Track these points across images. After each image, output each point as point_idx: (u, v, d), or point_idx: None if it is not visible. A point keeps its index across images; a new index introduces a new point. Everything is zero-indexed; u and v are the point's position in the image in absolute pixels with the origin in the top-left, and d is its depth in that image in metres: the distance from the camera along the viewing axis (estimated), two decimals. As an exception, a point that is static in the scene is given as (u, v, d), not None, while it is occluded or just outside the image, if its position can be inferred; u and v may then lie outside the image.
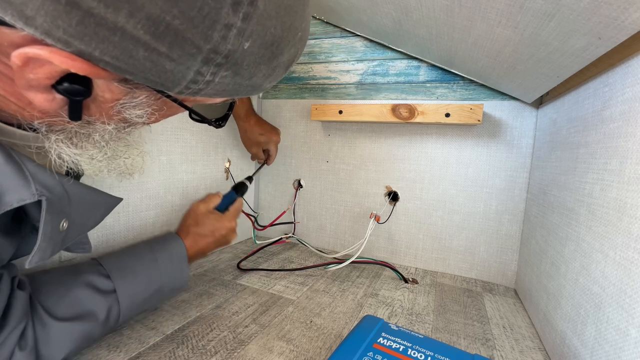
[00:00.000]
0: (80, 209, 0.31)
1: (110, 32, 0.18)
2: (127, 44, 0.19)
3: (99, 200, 0.34)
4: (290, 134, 0.91)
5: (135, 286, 0.44)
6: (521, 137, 0.69)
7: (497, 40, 0.49)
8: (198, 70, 0.21)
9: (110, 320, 0.41)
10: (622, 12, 0.32)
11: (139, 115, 0.26)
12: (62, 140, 0.27)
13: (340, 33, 0.84)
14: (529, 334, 0.53)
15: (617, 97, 0.38)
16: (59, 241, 0.30)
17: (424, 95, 0.78)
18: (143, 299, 0.45)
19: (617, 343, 0.33)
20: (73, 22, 0.17)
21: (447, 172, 0.76)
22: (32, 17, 0.17)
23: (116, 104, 0.25)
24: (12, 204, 0.25)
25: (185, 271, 0.50)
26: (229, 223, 0.58)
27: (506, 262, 0.72)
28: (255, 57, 0.23)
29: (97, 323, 0.40)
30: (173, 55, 0.20)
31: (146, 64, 0.20)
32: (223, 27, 0.20)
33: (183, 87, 0.23)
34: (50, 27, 0.18)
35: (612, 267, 0.35)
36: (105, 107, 0.25)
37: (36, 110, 0.25)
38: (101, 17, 0.18)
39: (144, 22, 0.18)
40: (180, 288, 0.51)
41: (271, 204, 0.96)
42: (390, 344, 0.40)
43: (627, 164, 0.35)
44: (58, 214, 0.28)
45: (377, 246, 0.84)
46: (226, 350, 0.44)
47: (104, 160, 0.30)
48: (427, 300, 0.63)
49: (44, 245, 0.27)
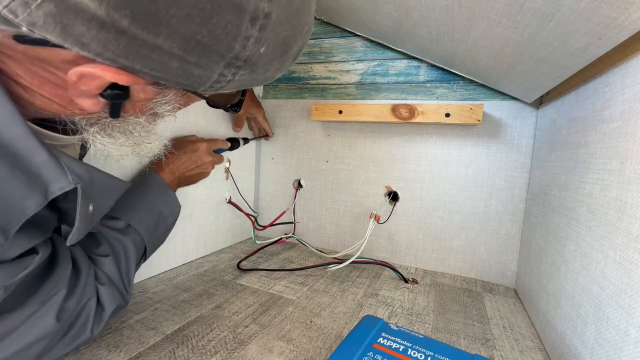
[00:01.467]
0: (100, 193, 0.35)
1: (150, 51, 0.21)
2: (164, 58, 0.22)
3: (113, 185, 0.38)
4: (290, 134, 0.91)
5: (142, 216, 0.50)
6: (521, 137, 0.69)
7: (497, 40, 0.49)
8: (221, 72, 0.25)
9: (139, 247, 0.48)
10: (622, 12, 0.32)
11: (168, 110, 0.31)
12: (98, 131, 0.31)
13: (340, 33, 0.84)
14: (529, 334, 0.53)
15: (617, 97, 0.38)
16: (89, 222, 0.34)
17: (424, 95, 0.78)
18: (153, 226, 0.52)
19: (617, 343, 0.33)
20: (121, 45, 0.21)
21: (447, 172, 0.76)
22: (88, 44, 0.20)
23: (149, 102, 0.29)
24: (56, 192, 0.29)
25: (171, 195, 0.57)
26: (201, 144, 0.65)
27: (506, 262, 0.72)
28: (269, 56, 0.26)
29: (134, 251, 0.47)
30: (201, 64, 0.24)
31: (178, 72, 0.24)
32: (243, 39, 0.23)
33: (207, 86, 0.26)
34: (102, 50, 0.21)
35: (612, 267, 0.35)
36: (139, 105, 0.30)
37: (77, 109, 0.28)
38: (144, 40, 0.21)
39: (179, 42, 0.22)
40: (176, 211, 0.57)
41: (271, 204, 0.96)
42: (390, 344, 0.40)
43: (627, 164, 0.35)
44: (87, 198, 0.32)
45: (377, 246, 0.84)
46: (226, 350, 0.44)
47: (130, 147, 0.34)
48: (427, 300, 0.63)
49: (80, 226, 0.31)
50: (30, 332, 0.33)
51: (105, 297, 0.40)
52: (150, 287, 0.60)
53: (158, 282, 0.62)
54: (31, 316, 0.32)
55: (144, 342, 0.45)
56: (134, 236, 0.48)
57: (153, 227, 0.52)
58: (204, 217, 0.76)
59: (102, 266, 0.42)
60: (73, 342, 0.37)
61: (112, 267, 0.43)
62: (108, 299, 0.41)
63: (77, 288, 0.37)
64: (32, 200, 0.27)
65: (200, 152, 0.64)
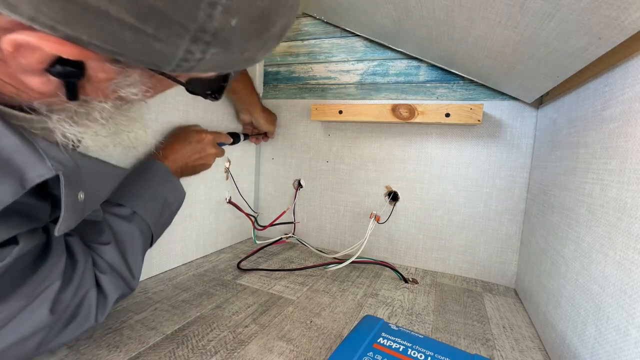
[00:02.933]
0: (92, 180, 0.34)
1: (94, 17, 0.18)
2: (113, 27, 0.19)
3: (108, 172, 0.37)
4: (290, 134, 0.91)
5: (147, 203, 0.49)
6: (521, 137, 0.69)
7: (497, 40, 0.49)
8: (187, 49, 0.22)
9: (145, 234, 0.48)
10: (622, 12, 0.32)
11: (134, 93, 0.27)
12: (64, 119, 0.28)
13: (340, 33, 0.84)
14: (529, 334, 0.53)
15: (617, 97, 0.38)
16: (80, 211, 0.32)
17: (424, 95, 0.78)
18: (159, 213, 0.51)
19: (617, 343, 0.33)
20: (56, 8, 0.18)
21: (447, 172, 0.76)
22: (15, 5, 0.18)
23: (111, 83, 0.26)
24: (34, 180, 0.27)
25: (175, 181, 0.56)
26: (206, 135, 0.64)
27: (506, 262, 0.72)
28: (244, 32, 0.23)
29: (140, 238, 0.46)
30: (160, 36, 0.20)
31: (135, 45, 0.20)
32: (207, 6, 0.20)
33: (174, 65, 0.23)
34: (35, 14, 0.18)
35: (612, 267, 0.35)
36: (101, 87, 0.26)
37: (34, 92, 0.25)
38: (84, 3, 0.18)
39: (127, 6, 0.18)
40: (181, 197, 0.57)
41: (271, 204, 0.96)
42: (390, 344, 0.40)
43: (627, 164, 0.35)
44: (74, 186, 0.30)
45: (377, 246, 0.84)
46: (226, 350, 0.44)
47: (108, 136, 0.31)
48: (427, 300, 0.63)
49: (67, 216, 0.30)
50: (23, 325, 0.32)
51: (107, 285, 0.40)
52: (150, 287, 0.60)
53: (158, 282, 0.62)
54: (23, 310, 0.31)
55: (144, 342, 0.45)
56: (140, 223, 0.47)
57: (159, 213, 0.51)
58: (204, 217, 0.76)
59: (103, 254, 0.41)
60: (77, 330, 0.37)
61: (114, 254, 0.42)
62: (110, 287, 0.40)
63: (73, 279, 0.36)
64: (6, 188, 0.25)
65: (204, 143, 0.64)
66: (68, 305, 0.35)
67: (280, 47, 0.92)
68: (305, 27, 0.88)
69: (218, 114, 0.77)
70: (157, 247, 0.64)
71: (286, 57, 0.92)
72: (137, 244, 0.46)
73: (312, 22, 0.87)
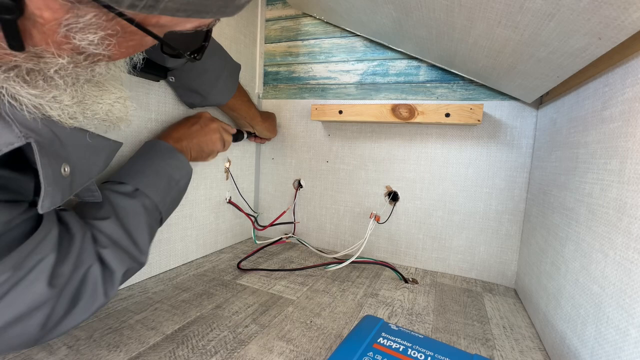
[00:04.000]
0: (79, 153, 0.31)
1: None
2: None
3: (98, 144, 0.33)
4: (290, 134, 0.91)
5: (150, 180, 0.47)
6: (521, 137, 0.69)
7: (497, 40, 0.49)
8: None
9: (150, 210, 0.46)
10: (622, 12, 0.32)
11: (91, 42, 0.23)
12: (13, 78, 0.24)
13: (340, 33, 0.84)
14: (529, 334, 0.53)
15: (617, 97, 0.38)
16: (66, 187, 0.29)
17: (424, 95, 0.78)
18: (165, 189, 0.49)
19: (617, 343, 0.33)
20: None
21: (447, 172, 0.76)
22: None
23: (60, 26, 0.22)
24: (1, 149, 0.23)
25: (181, 158, 0.53)
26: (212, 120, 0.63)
27: (506, 262, 0.72)
28: None
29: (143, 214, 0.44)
30: None
31: None
32: None
33: (129, 3, 0.20)
34: None
35: (612, 267, 0.35)
36: (49, 31, 0.22)
37: None
38: None
39: None
40: (187, 174, 0.54)
41: (271, 204, 0.96)
42: (390, 344, 0.40)
43: (627, 164, 0.35)
44: (55, 157, 0.27)
45: (377, 246, 0.84)
46: (226, 350, 0.44)
47: (74, 105, 0.28)
48: (427, 300, 0.63)
49: (50, 190, 0.27)
50: (20, 299, 0.29)
51: (110, 258, 0.38)
52: (150, 287, 0.60)
53: (158, 282, 0.62)
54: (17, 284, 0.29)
55: (144, 342, 0.45)
56: (143, 199, 0.46)
57: (164, 190, 0.49)
58: (204, 217, 0.76)
59: (103, 228, 0.39)
60: (89, 309, 0.35)
61: (115, 228, 0.40)
62: (114, 260, 0.38)
63: (70, 253, 0.34)
64: None
65: (210, 126, 0.62)
66: (69, 280, 0.33)
67: (280, 47, 0.92)
68: (305, 27, 0.88)
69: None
70: (157, 247, 0.64)
71: (286, 57, 0.92)
72: (140, 219, 0.44)
73: (312, 22, 0.87)
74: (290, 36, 0.90)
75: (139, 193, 0.46)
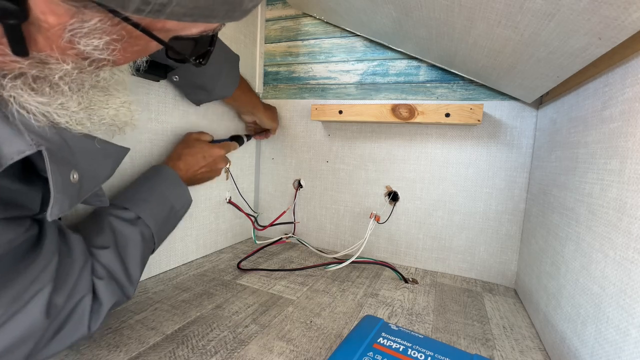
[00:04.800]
0: (87, 159, 0.31)
1: None
2: None
3: (106, 150, 0.33)
4: (290, 134, 0.91)
5: (153, 209, 0.48)
6: (521, 137, 0.69)
7: (497, 40, 0.49)
8: None
9: (147, 240, 0.47)
10: (622, 12, 0.32)
11: (96, 47, 0.22)
12: (20, 86, 0.23)
13: (340, 33, 0.84)
14: (529, 334, 0.53)
15: (617, 97, 0.38)
16: (74, 193, 0.29)
17: (424, 95, 0.78)
18: (163, 219, 0.50)
19: (617, 343, 0.33)
20: None
21: (447, 172, 0.76)
22: None
23: (65, 31, 0.21)
24: (13, 157, 0.23)
25: (184, 188, 0.55)
26: (219, 150, 0.64)
27: (506, 262, 0.72)
28: None
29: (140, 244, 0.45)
30: None
31: None
32: None
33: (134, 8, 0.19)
34: None
35: (612, 267, 0.35)
36: (54, 37, 0.22)
37: None
38: None
39: None
40: (187, 204, 0.56)
41: (271, 204, 0.96)
42: (390, 344, 0.40)
43: (627, 164, 0.35)
44: (64, 164, 0.27)
45: (377, 246, 0.84)
46: (226, 350, 0.44)
47: (80, 111, 0.27)
48: (427, 300, 0.63)
49: (59, 197, 0.27)
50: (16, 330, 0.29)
51: (102, 291, 0.38)
52: (150, 287, 0.60)
53: (158, 282, 0.62)
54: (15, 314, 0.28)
55: (144, 342, 0.45)
56: (143, 229, 0.46)
57: (164, 220, 0.50)
58: (204, 217, 0.76)
59: (101, 258, 0.40)
60: (69, 339, 0.34)
61: (112, 259, 0.40)
62: (106, 293, 0.38)
63: (67, 282, 0.33)
64: None
65: (216, 157, 0.63)
66: (61, 310, 0.33)
67: (280, 47, 0.92)
68: (305, 27, 0.88)
69: (218, 114, 0.77)
70: (157, 247, 0.64)
71: (286, 57, 0.92)
72: (137, 251, 0.44)
73: (312, 22, 0.87)
74: (290, 36, 0.90)
75: (140, 222, 0.46)
